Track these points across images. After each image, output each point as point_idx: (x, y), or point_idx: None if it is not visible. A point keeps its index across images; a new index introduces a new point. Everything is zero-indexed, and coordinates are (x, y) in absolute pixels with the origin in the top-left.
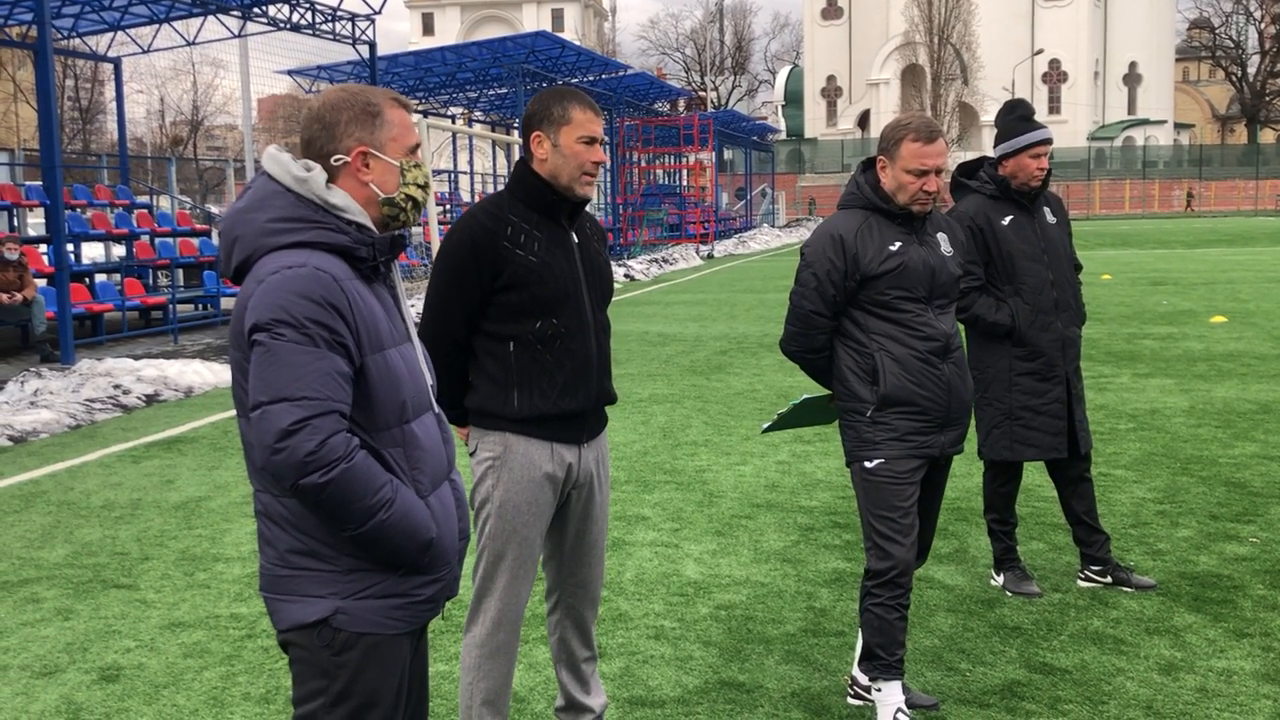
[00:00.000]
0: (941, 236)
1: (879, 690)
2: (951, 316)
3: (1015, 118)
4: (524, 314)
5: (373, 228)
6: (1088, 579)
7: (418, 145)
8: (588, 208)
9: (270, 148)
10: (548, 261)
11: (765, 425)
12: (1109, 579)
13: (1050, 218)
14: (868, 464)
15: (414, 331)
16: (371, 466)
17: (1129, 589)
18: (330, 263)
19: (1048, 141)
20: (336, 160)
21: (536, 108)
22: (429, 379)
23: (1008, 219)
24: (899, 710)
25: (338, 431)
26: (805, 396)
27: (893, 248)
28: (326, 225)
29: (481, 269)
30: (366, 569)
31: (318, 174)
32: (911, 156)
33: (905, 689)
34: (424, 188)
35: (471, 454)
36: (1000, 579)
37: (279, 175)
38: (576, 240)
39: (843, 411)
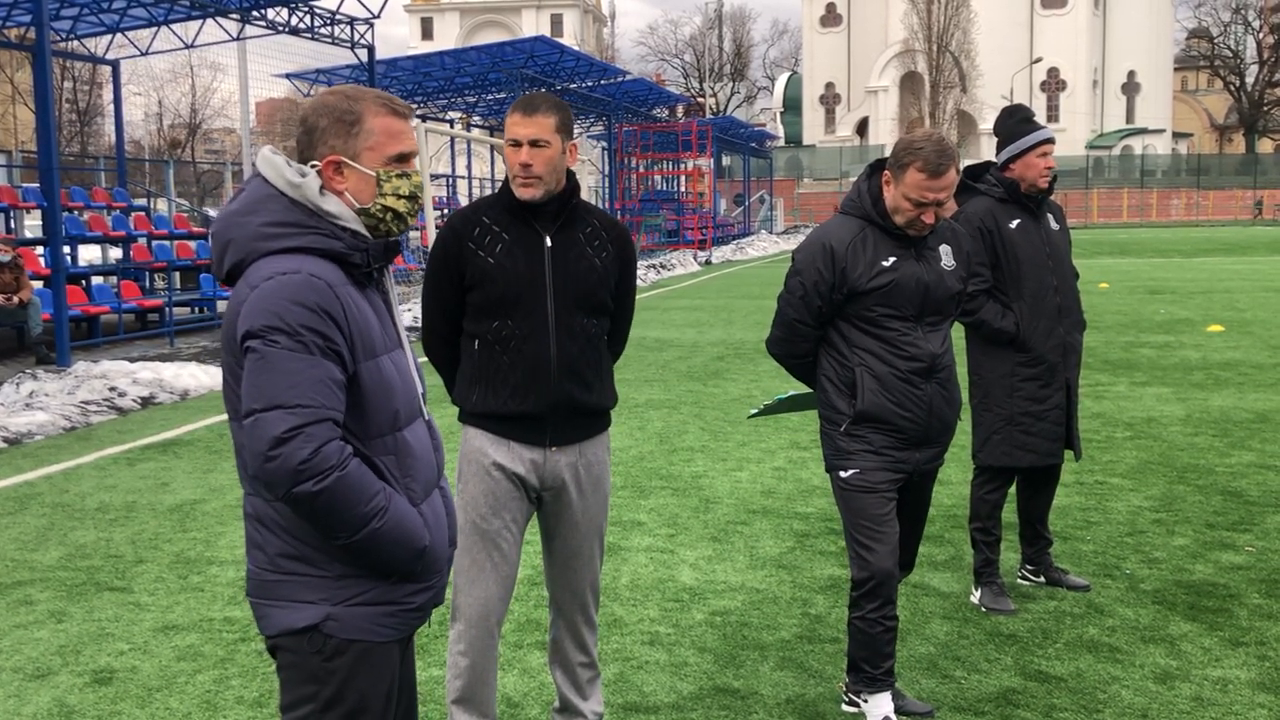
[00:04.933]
0: (945, 249)
1: (866, 702)
2: (942, 334)
3: (1017, 120)
4: (483, 314)
5: (366, 234)
6: (1023, 578)
7: (406, 154)
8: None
9: (265, 149)
10: (504, 264)
11: (752, 411)
12: (1042, 578)
13: (1053, 224)
14: (843, 474)
15: (405, 338)
16: (365, 474)
17: (1063, 588)
18: (324, 269)
19: (1052, 140)
20: (312, 167)
21: None
22: (420, 386)
23: (1015, 222)
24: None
25: (332, 439)
26: (792, 392)
27: (885, 263)
28: (321, 230)
29: (449, 269)
30: (358, 575)
31: (312, 179)
32: (914, 186)
33: (900, 695)
34: (409, 198)
35: None
36: (977, 594)
37: (273, 179)
38: (550, 244)
39: (821, 419)
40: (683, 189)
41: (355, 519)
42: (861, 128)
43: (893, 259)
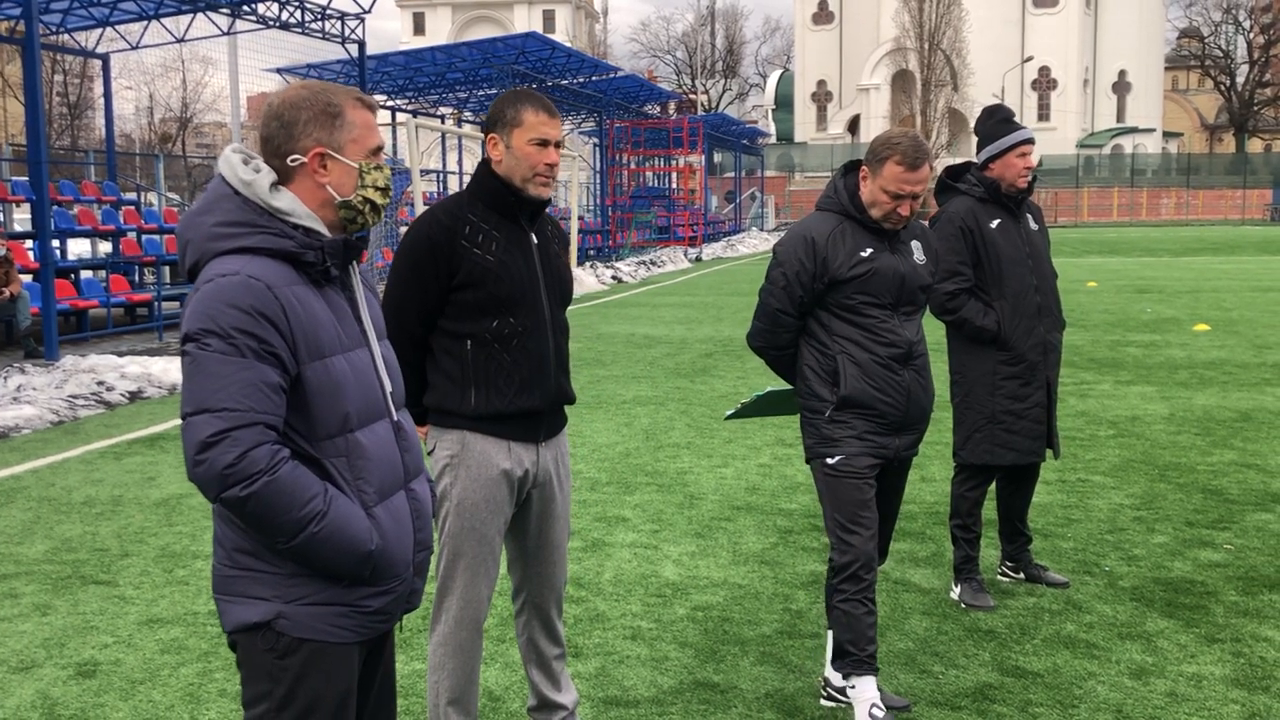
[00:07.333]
0: (915, 244)
1: (853, 688)
2: (916, 323)
3: (997, 121)
4: (480, 312)
5: (323, 230)
6: (1003, 574)
7: (380, 147)
8: (550, 211)
9: (227, 148)
10: (505, 261)
11: (729, 413)
12: (1021, 575)
13: (1033, 224)
14: (829, 460)
15: (373, 336)
16: (300, 479)
17: (1042, 585)
18: (269, 269)
19: (1031, 141)
20: (293, 161)
21: (493, 110)
22: (388, 386)
23: (995, 222)
24: (874, 706)
25: (261, 444)
26: (770, 388)
27: (864, 254)
28: (271, 230)
29: (439, 267)
30: (309, 575)
31: (263, 177)
32: (891, 179)
33: (877, 689)
34: (384, 190)
35: (430, 452)
36: (957, 590)
37: (229, 178)
38: (536, 241)
39: (803, 410)
40: (674, 185)
41: (289, 524)
42: (853, 125)
43: (870, 250)
